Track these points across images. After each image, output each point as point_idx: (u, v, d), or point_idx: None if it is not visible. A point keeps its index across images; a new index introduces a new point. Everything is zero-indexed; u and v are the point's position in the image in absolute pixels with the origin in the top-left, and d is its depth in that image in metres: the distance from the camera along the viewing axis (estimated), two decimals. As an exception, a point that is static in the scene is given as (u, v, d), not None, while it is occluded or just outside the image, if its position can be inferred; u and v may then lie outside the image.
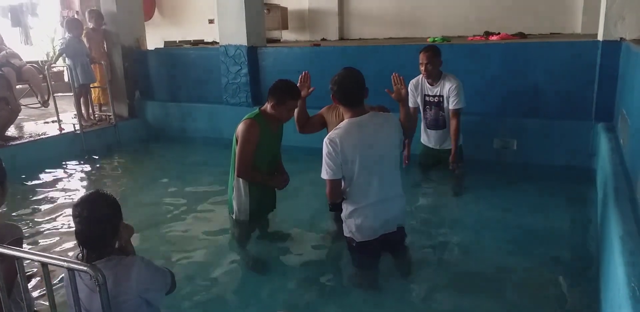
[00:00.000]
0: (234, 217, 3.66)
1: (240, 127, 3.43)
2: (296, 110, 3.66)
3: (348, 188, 2.97)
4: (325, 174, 2.91)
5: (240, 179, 3.51)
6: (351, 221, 3.03)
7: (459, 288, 2.96)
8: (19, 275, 1.83)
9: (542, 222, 3.81)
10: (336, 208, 3.81)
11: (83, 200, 1.91)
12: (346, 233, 3.11)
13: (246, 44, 6.44)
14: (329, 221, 3.90)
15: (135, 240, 3.64)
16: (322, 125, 3.71)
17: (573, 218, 3.90)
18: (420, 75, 4.62)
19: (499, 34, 7.14)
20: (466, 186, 4.77)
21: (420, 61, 4.48)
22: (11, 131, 6.35)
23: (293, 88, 3.40)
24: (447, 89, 4.49)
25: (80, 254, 1.89)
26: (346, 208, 3.05)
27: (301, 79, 3.65)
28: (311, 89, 3.64)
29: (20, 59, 7.72)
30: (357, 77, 2.96)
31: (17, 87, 7.45)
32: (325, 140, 2.91)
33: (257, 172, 3.48)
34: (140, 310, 1.91)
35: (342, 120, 3.53)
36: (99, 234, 1.86)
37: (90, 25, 7.14)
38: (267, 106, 3.44)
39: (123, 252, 2.05)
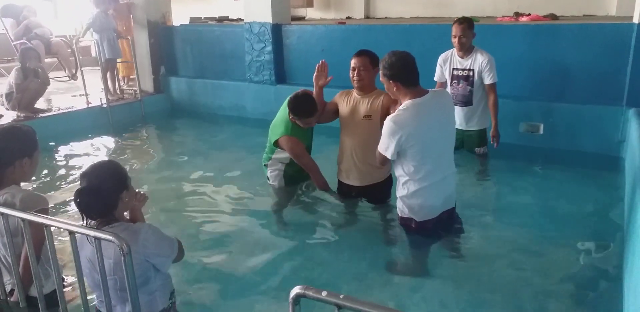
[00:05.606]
0: (270, 183, 3.94)
1: (283, 145, 3.62)
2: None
3: (413, 169, 2.92)
4: (384, 150, 2.89)
5: (277, 162, 3.80)
6: (413, 201, 3.02)
7: (481, 272, 2.95)
8: (47, 242, 1.89)
9: (567, 208, 3.75)
10: (344, 193, 3.78)
11: (86, 170, 1.95)
12: (403, 214, 3.11)
13: (271, 22, 6.38)
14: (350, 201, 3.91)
15: (158, 210, 3.76)
16: (336, 114, 3.64)
17: (599, 205, 3.84)
18: (452, 50, 4.51)
19: (529, 15, 6.97)
20: (490, 169, 4.71)
21: (454, 33, 4.34)
22: (40, 104, 6.47)
23: (304, 110, 3.48)
24: (479, 62, 4.37)
25: (84, 222, 1.93)
26: (407, 188, 3.01)
27: (318, 68, 3.60)
28: (329, 78, 3.60)
29: (51, 34, 7.83)
30: (411, 58, 2.89)
31: (46, 60, 7.56)
32: (392, 122, 2.80)
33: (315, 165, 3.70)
34: (148, 274, 1.97)
35: (354, 106, 3.46)
36: (93, 204, 1.87)
37: (119, -1, 7.17)
38: None
39: (132, 222, 2.09)
